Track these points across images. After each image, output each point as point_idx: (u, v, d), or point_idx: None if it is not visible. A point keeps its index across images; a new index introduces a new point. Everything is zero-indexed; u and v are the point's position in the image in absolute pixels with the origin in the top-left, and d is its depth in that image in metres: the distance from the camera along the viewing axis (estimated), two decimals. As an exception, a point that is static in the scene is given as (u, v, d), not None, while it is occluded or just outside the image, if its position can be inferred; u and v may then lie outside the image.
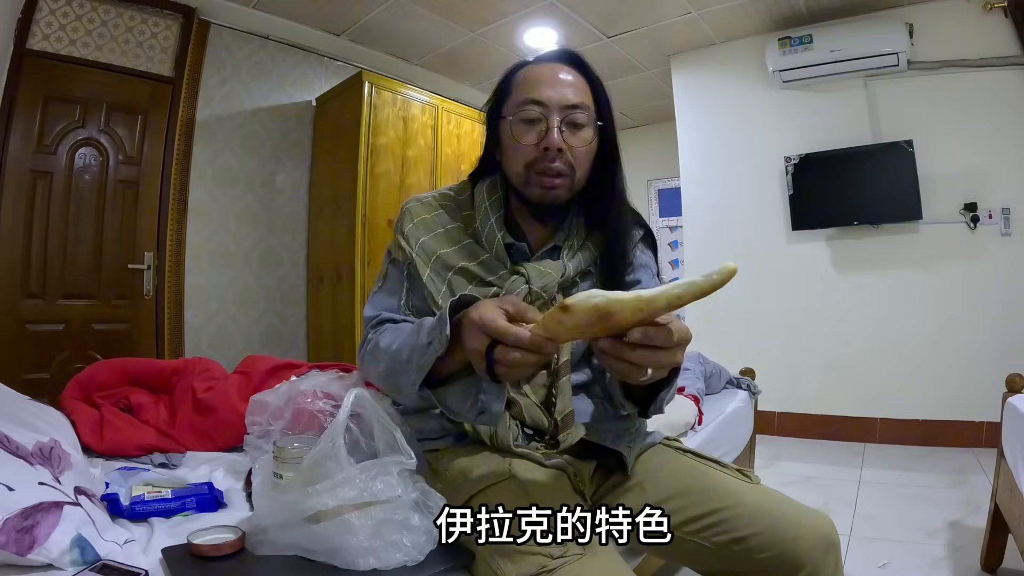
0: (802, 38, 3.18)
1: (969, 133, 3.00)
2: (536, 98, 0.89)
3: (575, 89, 0.90)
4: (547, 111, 0.88)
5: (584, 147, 0.90)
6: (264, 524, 0.75)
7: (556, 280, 0.91)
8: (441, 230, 0.96)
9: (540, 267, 0.91)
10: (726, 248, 3.62)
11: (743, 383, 2.18)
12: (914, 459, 2.79)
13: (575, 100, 0.89)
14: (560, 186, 0.90)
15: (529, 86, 0.90)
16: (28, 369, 2.52)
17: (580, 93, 0.90)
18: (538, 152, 0.88)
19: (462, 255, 0.93)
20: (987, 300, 2.97)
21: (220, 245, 3.18)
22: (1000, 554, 1.62)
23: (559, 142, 0.87)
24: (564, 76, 0.91)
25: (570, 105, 0.88)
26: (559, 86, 0.89)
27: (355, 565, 0.70)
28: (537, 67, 0.93)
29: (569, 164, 0.89)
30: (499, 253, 0.93)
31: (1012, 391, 1.61)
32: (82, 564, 0.70)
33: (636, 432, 0.94)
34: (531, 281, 0.89)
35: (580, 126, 0.89)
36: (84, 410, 1.24)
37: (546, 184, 0.89)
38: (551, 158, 0.88)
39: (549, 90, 0.89)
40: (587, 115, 0.90)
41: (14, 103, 2.51)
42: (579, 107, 0.89)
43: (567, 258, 0.93)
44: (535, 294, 0.89)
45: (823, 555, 0.79)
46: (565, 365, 0.90)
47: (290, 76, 3.47)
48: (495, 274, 0.91)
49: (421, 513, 0.75)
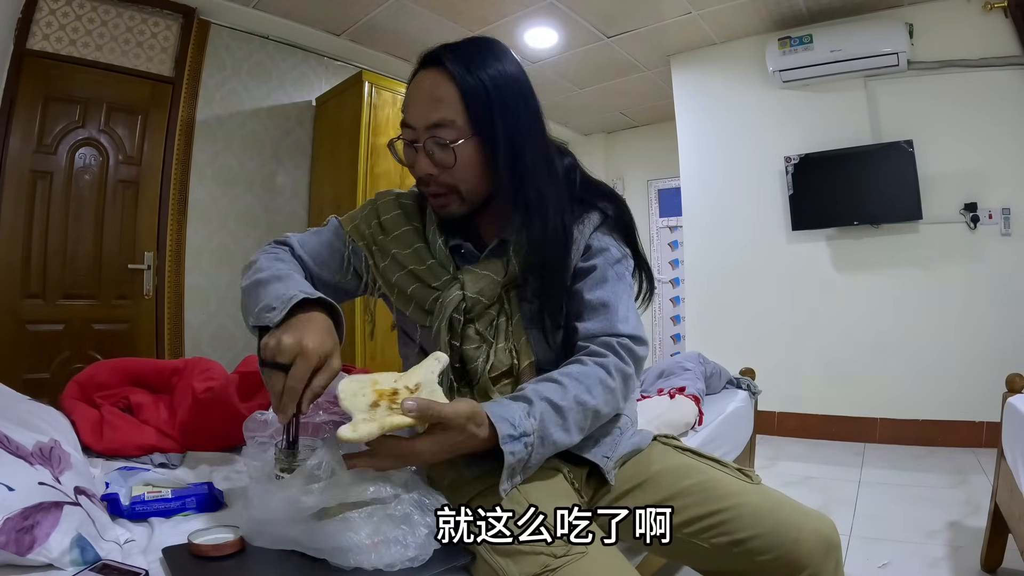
0: (802, 38, 3.18)
1: (969, 133, 3.00)
2: (405, 120, 0.86)
3: (437, 102, 0.83)
4: (415, 133, 0.85)
5: (454, 164, 0.83)
6: (263, 518, 0.75)
7: (497, 281, 0.88)
8: (397, 232, 0.94)
9: (477, 272, 0.89)
10: (726, 248, 3.63)
11: (743, 383, 2.17)
12: (914, 459, 2.79)
13: (436, 118, 0.82)
14: (448, 203, 0.87)
15: (404, 104, 0.87)
16: (28, 369, 2.52)
17: (443, 105, 0.82)
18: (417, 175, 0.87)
19: (412, 259, 0.92)
20: (987, 300, 2.97)
21: (220, 245, 3.18)
22: (1000, 554, 1.62)
23: (424, 168, 0.84)
24: (428, 89, 0.84)
25: (433, 124, 0.83)
26: (420, 104, 0.84)
27: (357, 563, 0.70)
28: (413, 80, 0.87)
29: (447, 183, 0.85)
30: (442, 258, 0.91)
31: (1012, 391, 1.61)
32: (82, 564, 0.70)
33: (616, 440, 0.90)
34: (465, 287, 0.87)
35: (446, 145, 0.83)
36: (84, 410, 1.24)
37: (434, 204, 0.89)
38: (425, 182, 0.87)
39: (412, 110, 0.85)
40: (454, 130, 0.82)
41: (14, 103, 2.51)
42: (442, 124, 0.82)
43: (513, 254, 0.89)
44: (471, 299, 0.87)
45: (824, 557, 0.79)
46: (527, 369, 0.89)
47: (290, 76, 3.47)
48: (439, 279, 0.90)
49: (422, 512, 0.75)
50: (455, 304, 0.87)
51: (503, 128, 0.84)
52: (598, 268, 0.89)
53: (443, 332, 0.87)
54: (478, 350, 0.88)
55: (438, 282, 0.90)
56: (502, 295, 0.90)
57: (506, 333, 0.89)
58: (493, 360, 0.88)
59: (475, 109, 0.82)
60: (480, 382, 0.88)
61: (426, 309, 0.91)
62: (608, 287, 0.88)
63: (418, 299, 0.91)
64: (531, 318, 0.90)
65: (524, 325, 0.90)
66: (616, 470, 0.90)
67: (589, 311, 0.87)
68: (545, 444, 0.74)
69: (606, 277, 0.88)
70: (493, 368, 0.88)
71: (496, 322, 0.90)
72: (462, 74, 0.82)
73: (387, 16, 3.23)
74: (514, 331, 0.90)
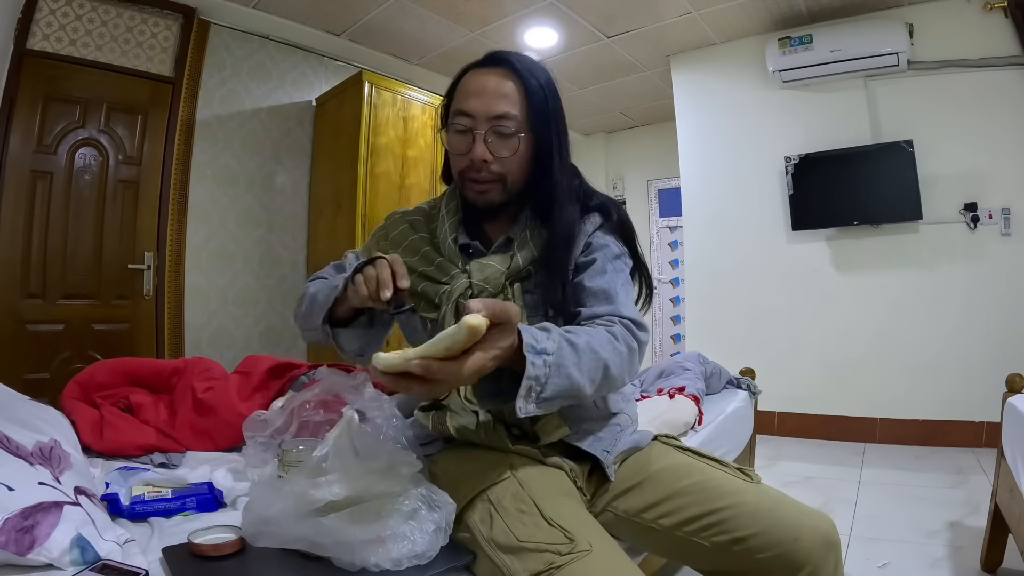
0: (802, 38, 3.18)
1: (969, 133, 3.00)
2: (464, 109, 0.92)
3: (503, 98, 0.91)
4: (474, 122, 0.91)
5: (511, 155, 0.92)
6: (266, 515, 0.75)
7: (501, 271, 0.93)
8: (406, 243, 1.00)
9: (483, 262, 0.94)
10: (726, 248, 3.63)
11: (743, 383, 2.17)
12: (914, 459, 2.79)
13: (500, 110, 0.91)
14: (490, 190, 0.94)
15: (461, 96, 0.94)
16: (28, 369, 2.52)
17: (508, 101, 0.91)
18: (468, 162, 0.92)
19: (421, 262, 0.97)
20: (987, 300, 2.97)
21: (220, 245, 3.18)
22: (1000, 554, 1.62)
23: (482, 154, 0.91)
24: (493, 85, 0.92)
25: (496, 116, 0.90)
26: (486, 97, 0.91)
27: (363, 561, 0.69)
28: (471, 76, 0.95)
29: (497, 172, 0.92)
30: (451, 255, 0.96)
31: (1012, 391, 1.61)
32: (82, 564, 0.70)
33: (616, 436, 0.94)
34: (472, 276, 0.92)
35: (506, 135, 0.91)
36: (84, 410, 1.24)
37: (476, 189, 0.94)
38: (477, 168, 0.92)
39: (476, 101, 0.91)
40: (515, 123, 0.91)
41: (14, 103, 2.51)
42: (505, 117, 0.91)
43: (518, 248, 0.95)
44: (477, 287, 0.92)
45: (823, 555, 0.79)
46: None
47: (290, 76, 3.47)
48: (447, 274, 0.94)
49: (429, 507, 0.75)
50: (461, 290, 0.91)
51: (554, 130, 0.94)
52: (598, 260, 0.94)
53: (449, 317, 0.90)
54: None
55: (446, 276, 0.94)
56: (506, 285, 0.93)
57: None
58: None
59: (533, 109, 0.92)
60: None
61: (435, 303, 0.94)
62: (607, 277, 0.93)
63: (427, 295, 0.94)
64: (533, 308, 0.94)
65: (527, 314, 0.93)
66: (617, 467, 0.91)
67: (590, 297, 0.92)
68: (560, 374, 0.74)
69: (606, 269, 0.94)
70: None
71: None
72: (527, 77, 0.93)
73: (387, 16, 3.23)
74: None
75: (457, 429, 0.89)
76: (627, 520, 0.88)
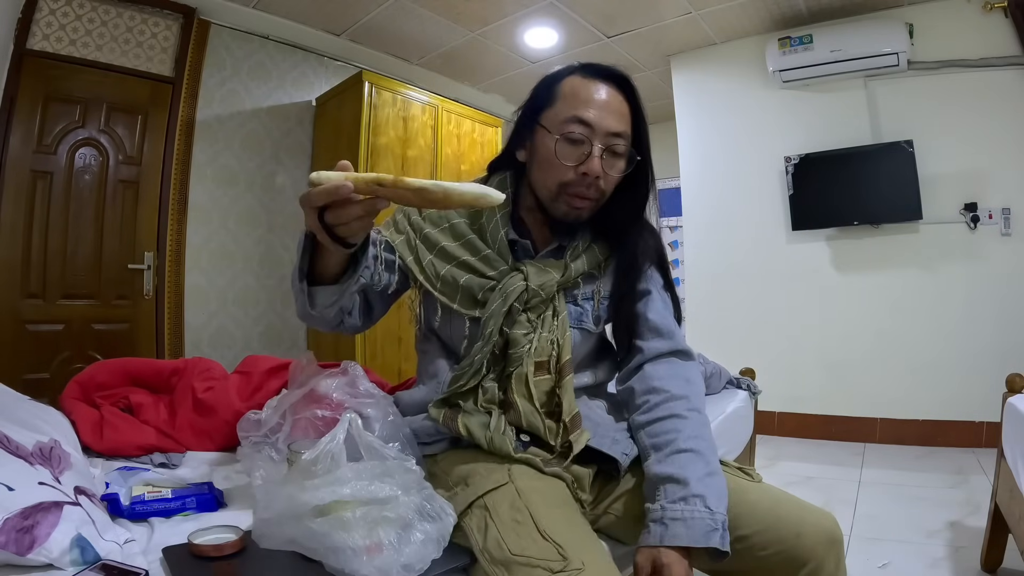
0: (802, 38, 3.18)
1: (969, 133, 3.00)
2: (584, 118, 0.87)
3: (620, 116, 0.90)
4: (592, 134, 0.88)
5: (618, 176, 0.91)
6: (267, 516, 0.75)
7: (556, 279, 0.91)
8: (446, 224, 0.96)
9: (540, 265, 0.92)
10: (726, 248, 3.62)
11: (743, 383, 2.17)
12: (914, 459, 2.79)
13: (618, 128, 0.89)
14: (587, 207, 0.92)
15: (578, 103, 0.88)
16: (28, 369, 2.52)
17: (624, 120, 0.90)
18: (576, 175, 0.89)
19: (465, 249, 0.94)
20: (987, 300, 2.97)
21: (220, 245, 3.18)
22: (1000, 554, 1.62)
23: (599, 170, 0.88)
24: (613, 100, 0.90)
25: (614, 133, 0.89)
26: (606, 111, 0.88)
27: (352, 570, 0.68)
28: (588, 83, 0.90)
29: (601, 188, 0.91)
30: (501, 249, 0.93)
31: (1012, 391, 1.61)
32: (82, 564, 0.70)
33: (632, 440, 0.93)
34: (529, 279, 0.90)
35: (619, 155, 0.90)
36: (84, 410, 1.24)
37: (576, 205, 0.91)
38: (587, 184, 0.89)
39: (597, 113, 0.88)
40: (626, 144, 0.91)
41: (14, 103, 2.50)
42: (621, 135, 0.89)
43: (571, 259, 0.94)
44: (532, 291, 0.90)
45: (826, 551, 0.79)
46: (567, 364, 0.91)
47: (290, 76, 3.47)
48: (495, 269, 0.92)
49: (423, 517, 0.74)
50: (518, 293, 0.89)
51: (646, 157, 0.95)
52: (653, 292, 0.98)
53: (499, 316, 0.88)
54: (527, 336, 0.90)
55: (494, 272, 0.92)
56: (556, 294, 0.93)
57: (550, 326, 0.92)
58: (537, 345, 0.90)
59: (637, 135, 0.92)
60: (522, 366, 0.89)
61: (478, 299, 0.92)
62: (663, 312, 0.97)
63: (471, 288, 0.92)
64: (575, 318, 0.96)
65: (569, 324, 0.94)
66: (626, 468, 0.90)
67: (650, 332, 0.95)
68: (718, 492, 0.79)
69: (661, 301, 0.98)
70: (537, 353, 0.90)
71: (543, 315, 0.93)
72: (639, 103, 0.93)
73: (387, 16, 3.23)
74: (559, 326, 0.92)
75: (467, 428, 0.87)
76: (628, 520, 0.87)
